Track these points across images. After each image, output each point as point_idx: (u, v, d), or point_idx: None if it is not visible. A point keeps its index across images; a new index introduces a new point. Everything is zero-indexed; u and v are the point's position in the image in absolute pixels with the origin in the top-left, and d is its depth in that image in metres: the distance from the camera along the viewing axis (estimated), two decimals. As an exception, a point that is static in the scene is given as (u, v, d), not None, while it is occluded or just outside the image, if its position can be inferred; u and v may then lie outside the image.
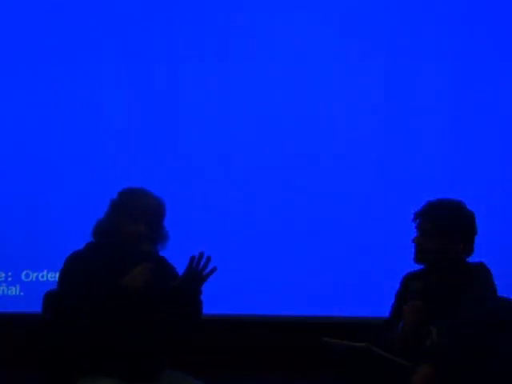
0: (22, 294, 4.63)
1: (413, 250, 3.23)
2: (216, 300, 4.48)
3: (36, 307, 3.19)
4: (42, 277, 4.59)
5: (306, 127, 4.61)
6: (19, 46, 4.65)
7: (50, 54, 4.64)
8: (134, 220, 3.12)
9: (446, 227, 3.17)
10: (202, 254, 3.06)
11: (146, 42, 4.66)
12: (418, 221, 3.25)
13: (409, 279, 3.31)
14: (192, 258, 3.07)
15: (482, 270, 3.22)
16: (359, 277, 4.52)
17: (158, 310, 3.12)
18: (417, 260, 3.24)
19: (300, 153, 4.60)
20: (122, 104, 4.65)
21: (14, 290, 4.63)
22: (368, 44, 4.61)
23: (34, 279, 4.61)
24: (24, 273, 4.63)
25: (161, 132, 4.65)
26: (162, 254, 3.30)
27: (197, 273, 3.07)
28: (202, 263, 3.06)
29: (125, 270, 3.04)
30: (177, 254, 3.43)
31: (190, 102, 4.65)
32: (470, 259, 3.25)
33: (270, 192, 4.60)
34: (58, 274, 3.17)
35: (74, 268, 3.09)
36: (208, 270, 3.07)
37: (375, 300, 4.30)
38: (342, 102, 4.61)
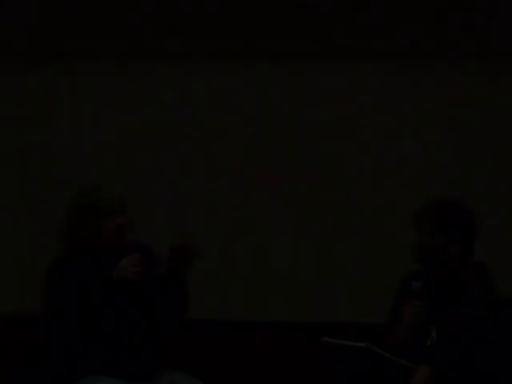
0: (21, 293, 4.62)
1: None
2: (216, 301, 4.49)
3: (36, 307, 3.19)
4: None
5: (305, 126, 4.60)
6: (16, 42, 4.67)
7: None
8: (116, 215, 3.10)
9: (445, 227, 3.18)
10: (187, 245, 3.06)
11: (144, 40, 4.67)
12: (417, 220, 3.24)
13: (409, 279, 3.31)
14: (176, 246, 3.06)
15: (481, 270, 3.22)
16: (359, 277, 4.51)
17: (153, 301, 3.10)
18: (416, 260, 3.24)
19: (298, 152, 4.60)
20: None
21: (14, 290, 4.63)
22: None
23: (34, 279, 4.60)
24: (24, 273, 4.63)
25: (159, 132, 4.65)
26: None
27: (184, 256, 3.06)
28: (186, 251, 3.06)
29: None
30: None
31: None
32: (470, 259, 3.25)
33: (269, 192, 4.59)
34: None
35: (63, 274, 3.05)
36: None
37: (375, 301, 4.30)
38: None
